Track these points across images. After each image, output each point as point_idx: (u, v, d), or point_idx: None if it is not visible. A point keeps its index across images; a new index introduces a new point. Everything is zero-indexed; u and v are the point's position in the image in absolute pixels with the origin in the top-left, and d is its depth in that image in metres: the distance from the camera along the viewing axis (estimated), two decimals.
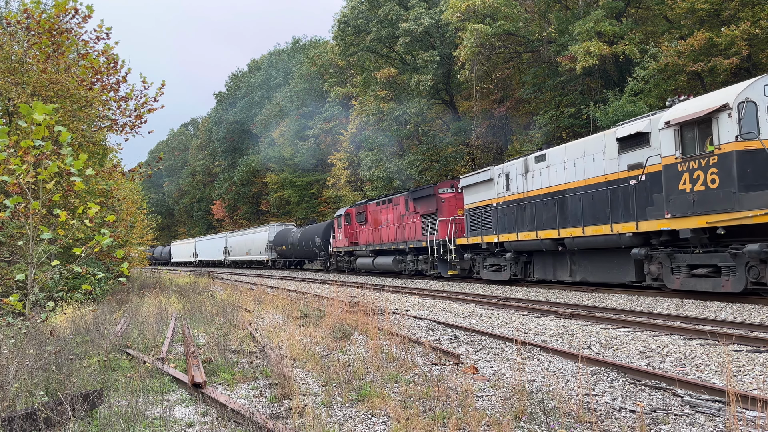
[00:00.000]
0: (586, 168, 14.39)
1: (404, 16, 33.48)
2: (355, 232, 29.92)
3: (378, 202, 27.75)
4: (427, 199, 22.52)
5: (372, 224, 27.82)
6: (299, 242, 37.75)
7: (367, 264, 27.73)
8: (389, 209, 26.09)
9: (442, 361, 7.21)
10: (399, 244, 24.38)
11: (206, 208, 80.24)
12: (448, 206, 21.67)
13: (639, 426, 4.48)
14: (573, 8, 26.79)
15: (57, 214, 6.66)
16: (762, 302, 10.56)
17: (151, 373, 6.45)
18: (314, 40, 65.09)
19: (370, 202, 28.86)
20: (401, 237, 24.39)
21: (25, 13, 12.27)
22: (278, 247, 42.35)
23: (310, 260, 40.86)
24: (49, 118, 5.86)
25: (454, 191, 21.72)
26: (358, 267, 29.35)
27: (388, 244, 25.50)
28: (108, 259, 15.84)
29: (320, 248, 34.46)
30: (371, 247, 27.48)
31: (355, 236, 29.92)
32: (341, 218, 31.25)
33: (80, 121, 12.89)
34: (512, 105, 33.44)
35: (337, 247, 31.97)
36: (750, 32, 19.90)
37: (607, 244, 13.55)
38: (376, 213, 27.56)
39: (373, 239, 27.50)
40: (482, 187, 19.19)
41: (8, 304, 6.52)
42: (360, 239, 29.45)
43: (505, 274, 17.89)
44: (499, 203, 18.07)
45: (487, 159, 33.96)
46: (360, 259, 29.01)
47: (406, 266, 24.52)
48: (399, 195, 25.69)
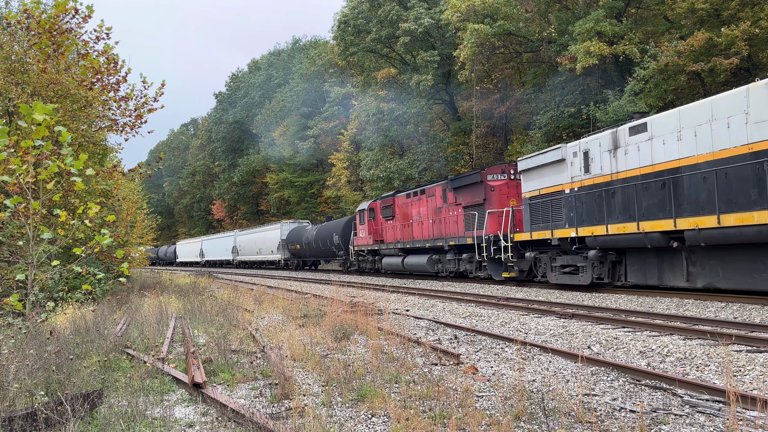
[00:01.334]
0: (715, 137, 10.93)
1: (404, 16, 33.50)
2: (380, 228, 26.92)
3: (408, 194, 24.58)
4: (472, 188, 19.36)
5: (401, 219, 24.85)
6: (315, 241, 34.99)
7: (395, 264, 24.87)
8: (422, 201, 23.01)
9: (442, 361, 7.21)
10: (436, 241, 21.37)
11: (206, 208, 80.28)
12: (499, 195, 18.53)
13: (639, 426, 4.48)
14: (573, 8, 26.79)
15: (57, 214, 6.66)
16: (762, 302, 10.56)
17: (151, 373, 6.45)
18: (314, 40, 65.12)
19: (399, 194, 25.78)
20: (438, 233, 21.48)
21: (25, 13, 12.28)
22: (291, 246, 39.70)
23: (326, 260, 38.11)
24: (49, 118, 5.86)
25: (506, 178, 18.70)
26: (384, 268, 26.47)
27: (422, 242, 22.52)
28: (108, 259, 15.85)
29: (339, 247, 31.72)
30: (400, 245, 24.49)
31: (380, 233, 26.93)
32: (364, 213, 28.07)
33: (80, 121, 12.90)
34: (512, 105, 33.44)
35: (359, 246, 28.93)
36: (750, 32, 19.90)
37: (759, 237, 10.06)
38: (406, 206, 24.55)
39: (402, 236, 24.62)
40: (549, 171, 15.73)
41: (8, 304, 6.52)
42: (386, 236, 26.49)
43: (585, 276, 14.45)
44: (575, 189, 14.68)
45: (487, 159, 33.99)
46: (386, 258, 26.00)
47: (444, 267, 21.55)
48: (435, 185, 22.57)
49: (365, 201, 30.85)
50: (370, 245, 27.57)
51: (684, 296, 12.19)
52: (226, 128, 72.13)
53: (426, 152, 35.53)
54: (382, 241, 26.69)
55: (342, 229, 31.27)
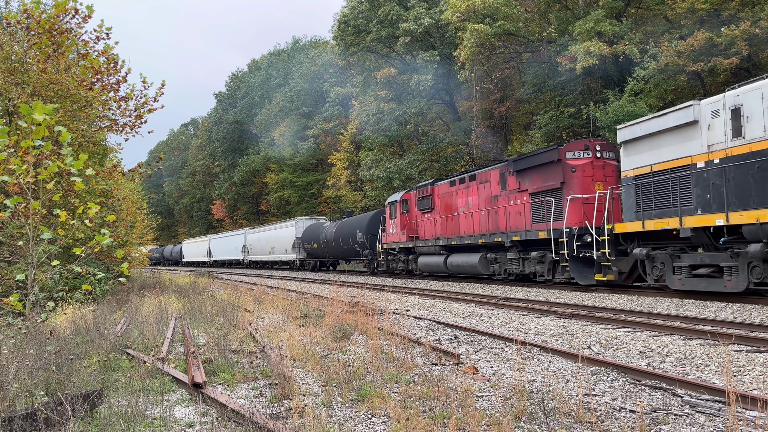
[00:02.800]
0: None
1: (404, 16, 33.51)
2: (414, 222, 23.59)
3: (452, 181, 21.15)
4: (544, 170, 15.95)
5: (442, 211, 21.58)
6: (335, 239, 31.59)
7: (435, 265, 21.67)
8: (471, 189, 19.71)
9: (442, 361, 7.21)
10: (492, 237, 18.02)
11: (206, 208, 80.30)
12: (582, 177, 15.09)
13: (639, 426, 4.48)
14: (573, 8, 26.79)
15: (57, 214, 6.66)
16: (762, 302, 10.56)
17: (151, 373, 6.45)
18: (314, 40, 65.16)
19: (439, 183, 22.43)
20: (494, 227, 18.27)
21: (25, 13, 12.27)
22: (307, 245, 36.40)
23: (347, 260, 34.40)
24: (49, 118, 5.86)
25: (590, 156, 15.25)
26: (420, 269, 23.12)
27: (471, 237, 19.31)
28: (108, 259, 15.85)
29: (363, 245, 28.33)
30: (442, 242, 21.17)
31: (414, 228, 23.58)
32: (395, 206, 24.84)
33: (80, 121, 12.90)
34: (512, 105, 33.46)
35: (389, 244, 25.50)
36: (750, 32, 19.90)
37: None
38: (449, 196, 21.22)
39: (443, 231, 21.35)
40: (668, 139, 12.21)
41: (8, 304, 6.52)
42: (422, 232, 23.07)
43: (736, 280, 10.75)
44: (714, 161, 11.13)
45: (487, 159, 34.02)
46: (423, 258, 22.72)
47: (503, 267, 18.13)
48: (489, 168, 19.24)
49: (397, 192, 27.32)
50: (402, 243, 24.18)
51: (684, 296, 12.19)
52: (226, 128, 72.16)
53: (426, 152, 35.54)
54: (418, 237, 23.32)
55: (367, 224, 27.92)
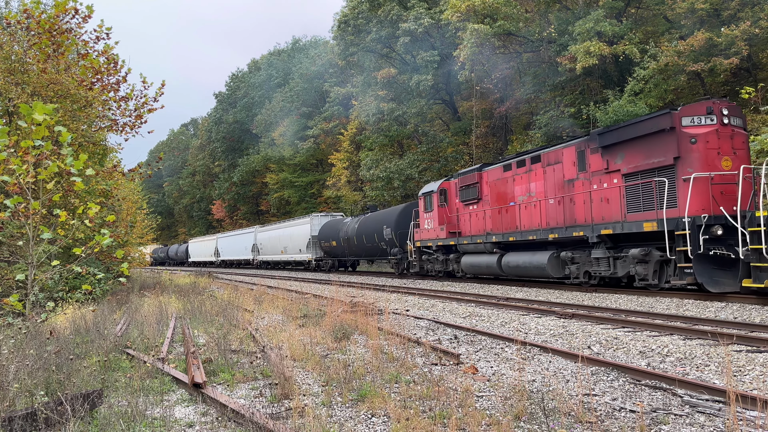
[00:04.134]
0: None
1: (404, 16, 33.52)
2: (455, 216, 20.58)
3: (508, 165, 17.71)
4: (649, 142, 12.60)
5: (493, 201, 18.40)
6: (357, 236, 28.54)
7: (484, 265, 18.35)
8: (536, 173, 16.32)
9: (442, 361, 7.21)
10: (569, 231, 14.76)
11: (206, 208, 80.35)
12: (706, 151, 11.79)
13: (639, 426, 4.48)
14: (573, 8, 26.80)
15: (57, 214, 6.66)
16: (762, 302, 10.56)
17: (151, 373, 6.45)
18: (314, 40, 65.19)
19: (489, 167, 19.01)
20: (569, 218, 14.91)
21: (25, 13, 12.28)
22: (325, 244, 33.27)
23: (370, 260, 31.02)
24: (49, 118, 5.86)
25: (715, 122, 11.83)
26: (464, 270, 19.90)
27: (538, 232, 16.02)
28: (108, 259, 15.86)
29: (391, 243, 25.28)
30: (495, 238, 17.81)
31: (455, 223, 20.56)
32: (431, 198, 21.80)
33: (80, 121, 12.91)
34: (512, 105, 33.46)
35: (423, 241, 22.33)
36: (750, 32, 19.91)
37: None
38: (503, 183, 17.90)
39: (494, 225, 18.13)
40: None
41: (8, 304, 6.52)
42: (466, 227, 19.94)
43: None
44: None
45: (487, 159, 34.02)
46: (468, 258, 19.49)
47: (583, 269, 14.73)
48: (561, 146, 15.53)
49: (432, 182, 24.03)
50: (440, 239, 21.01)
51: (684, 296, 12.19)
52: (226, 128, 72.21)
53: (426, 152, 35.56)
54: (460, 233, 20.19)
55: (396, 219, 24.82)
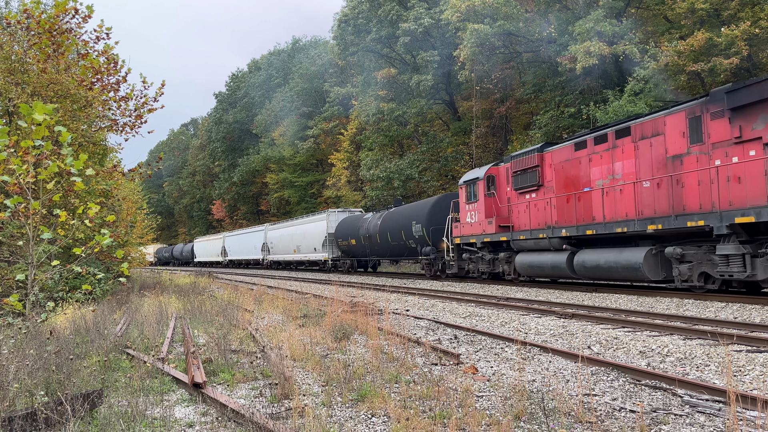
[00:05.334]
0: None
1: (404, 16, 33.53)
2: (508, 207, 17.86)
3: (580, 143, 14.96)
4: None
5: (559, 187, 15.66)
6: (380, 233, 25.86)
7: (549, 265, 15.50)
8: (623, 151, 13.59)
9: (442, 361, 7.21)
10: (677, 220, 11.98)
11: (206, 208, 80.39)
12: None
13: (639, 426, 4.48)
14: (573, 8, 26.80)
15: (57, 214, 6.66)
16: (762, 302, 10.56)
17: (151, 373, 6.45)
18: (314, 40, 65.21)
19: (552, 147, 16.19)
20: (676, 204, 12.10)
21: (25, 13, 12.28)
22: (342, 242, 30.70)
23: (394, 260, 28.27)
24: (49, 118, 5.86)
25: None
26: (520, 270, 17.02)
27: (624, 224, 13.27)
28: (108, 259, 15.85)
29: (421, 241, 22.49)
30: (564, 232, 15.12)
31: (507, 215, 17.85)
32: (475, 186, 19.03)
33: (80, 121, 12.90)
34: (512, 105, 33.48)
35: (465, 237, 19.51)
36: (750, 32, 19.92)
37: None
38: (573, 165, 15.13)
39: (562, 217, 15.38)
40: None
41: (8, 304, 6.52)
42: (523, 219, 16.98)
43: None
44: None
45: (487, 159, 34.02)
46: (525, 256, 16.63)
47: (697, 270, 11.98)
48: (663, 113, 12.70)
49: (476, 168, 21.21)
50: (487, 235, 18.23)
51: (684, 296, 12.19)
52: (226, 128, 72.23)
53: (426, 152, 35.56)
54: (513, 227, 17.50)
55: (428, 214, 22.19)
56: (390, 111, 35.81)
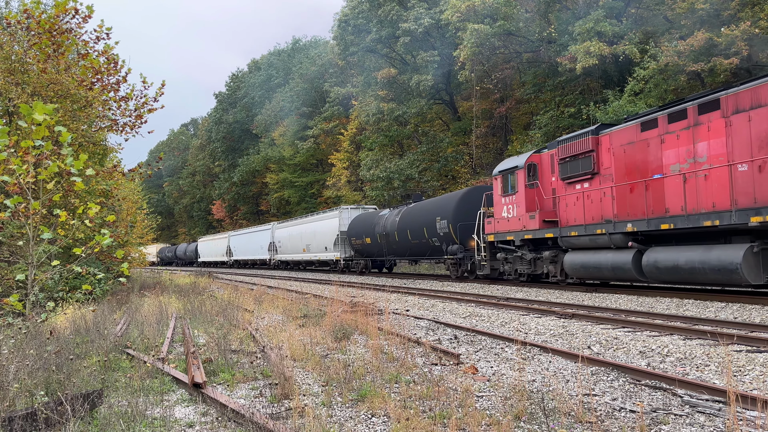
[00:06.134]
0: None
1: (404, 16, 33.54)
2: (553, 199, 15.84)
3: (647, 123, 12.76)
4: None
5: (620, 175, 13.56)
6: (399, 231, 23.97)
7: (610, 266, 13.40)
8: (707, 128, 11.42)
9: (442, 361, 7.21)
10: None
11: (206, 208, 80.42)
12: None
13: (639, 426, 4.48)
14: (573, 8, 26.80)
15: (57, 214, 6.66)
16: (762, 302, 10.56)
17: (151, 373, 6.45)
18: (314, 40, 65.25)
19: (611, 129, 14.05)
20: None
21: (25, 13, 12.28)
22: (356, 241, 28.94)
23: (413, 260, 26.18)
24: (49, 118, 5.86)
25: None
26: (570, 271, 14.88)
27: (715, 216, 11.03)
28: (108, 259, 15.86)
29: (447, 239, 20.64)
30: (629, 227, 12.96)
31: (551, 209, 15.87)
32: (513, 176, 16.97)
33: (80, 121, 12.91)
34: (512, 105, 33.49)
35: (501, 233, 17.47)
36: (750, 32, 19.92)
37: None
38: (640, 148, 12.97)
39: (619, 210, 13.41)
40: None
41: (8, 304, 6.52)
42: (572, 213, 14.98)
43: None
44: None
45: (487, 159, 34.01)
46: (576, 255, 14.57)
47: None
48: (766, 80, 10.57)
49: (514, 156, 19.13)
50: (529, 231, 16.22)
51: (684, 296, 12.19)
52: (226, 128, 72.25)
53: (426, 152, 35.57)
54: (558, 222, 15.50)
55: (455, 209, 20.33)
56: (390, 111, 35.83)
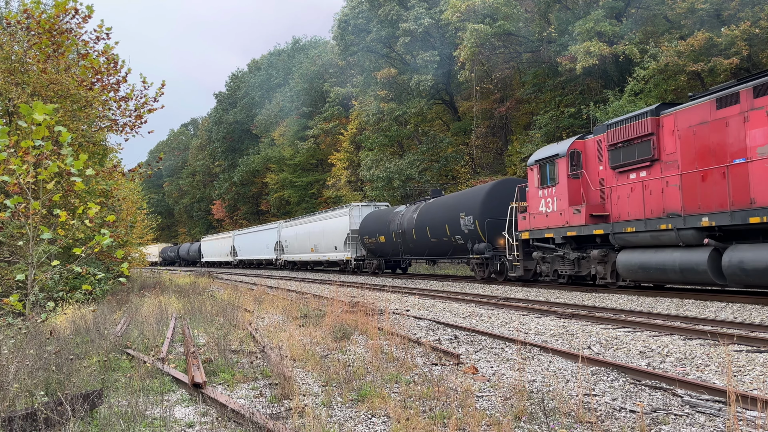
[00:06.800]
0: None
1: (404, 16, 33.54)
2: (601, 190, 14.13)
3: (724, 98, 10.96)
4: None
5: (688, 161, 11.81)
6: (417, 229, 22.38)
7: (678, 267, 11.65)
8: None
9: (442, 361, 7.21)
10: None
11: (206, 208, 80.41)
12: None
13: (639, 426, 4.48)
14: (573, 8, 26.81)
15: (57, 214, 6.66)
16: (762, 302, 10.56)
17: (151, 374, 6.45)
18: (314, 40, 65.27)
19: (675, 108, 12.30)
20: None
21: (25, 13, 12.27)
22: (369, 240, 27.31)
23: (431, 260, 24.53)
24: (49, 118, 5.86)
25: None
26: (625, 273, 13.08)
27: None
28: (108, 259, 15.86)
29: (472, 236, 18.97)
30: (704, 221, 11.16)
31: (599, 202, 14.21)
32: (553, 166, 15.21)
33: (80, 121, 12.90)
34: (512, 105, 33.48)
35: (537, 230, 15.86)
36: (750, 32, 19.92)
37: None
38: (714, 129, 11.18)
39: (686, 202, 11.68)
40: None
41: (8, 304, 6.52)
42: (625, 206, 13.22)
43: None
44: None
45: (487, 159, 34.02)
46: (632, 254, 12.84)
47: None
48: None
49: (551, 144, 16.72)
50: (573, 227, 14.50)
51: (684, 296, 12.19)
52: (226, 128, 72.25)
53: (426, 152, 35.57)
54: (606, 218, 13.93)
55: (481, 203, 18.64)
56: (390, 111, 35.83)
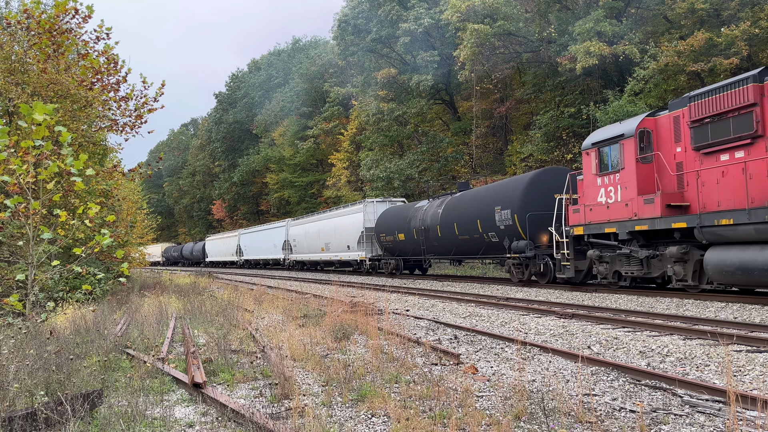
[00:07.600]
0: None
1: (404, 16, 33.54)
2: (682, 176, 12.16)
3: None
4: None
5: None
6: (442, 225, 20.38)
7: None
8: None
9: (442, 361, 7.21)
10: None
11: (206, 208, 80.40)
12: None
13: (639, 426, 4.48)
14: (573, 8, 26.80)
15: (57, 214, 6.66)
16: (762, 302, 10.56)
17: (151, 373, 6.45)
18: (314, 40, 65.27)
19: None
20: None
21: (25, 13, 12.28)
22: (386, 238, 25.22)
23: (457, 260, 22.62)
24: (49, 118, 5.86)
25: None
26: (717, 274, 11.04)
27: None
28: (108, 259, 15.86)
29: (509, 233, 17.03)
30: None
31: (676, 189, 12.29)
32: (616, 150, 13.33)
33: (80, 121, 12.91)
34: (512, 105, 33.48)
35: (595, 225, 14.03)
36: (750, 32, 19.92)
37: None
38: None
39: None
40: None
41: (8, 304, 6.52)
42: (718, 195, 11.21)
43: None
44: None
45: (487, 159, 34.03)
46: (726, 252, 10.88)
47: None
48: None
49: (614, 124, 14.38)
50: (643, 220, 12.63)
51: (684, 296, 12.19)
52: (226, 128, 72.25)
53: (426, 152, 35.57)
54: (686, 209, 12.07)
55: (521, 196, 16.66)
56: (390, 111, 35.83)
